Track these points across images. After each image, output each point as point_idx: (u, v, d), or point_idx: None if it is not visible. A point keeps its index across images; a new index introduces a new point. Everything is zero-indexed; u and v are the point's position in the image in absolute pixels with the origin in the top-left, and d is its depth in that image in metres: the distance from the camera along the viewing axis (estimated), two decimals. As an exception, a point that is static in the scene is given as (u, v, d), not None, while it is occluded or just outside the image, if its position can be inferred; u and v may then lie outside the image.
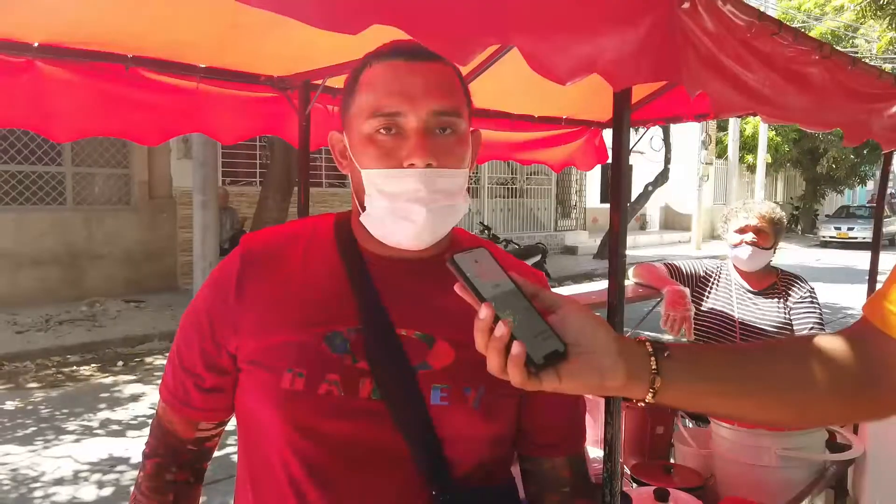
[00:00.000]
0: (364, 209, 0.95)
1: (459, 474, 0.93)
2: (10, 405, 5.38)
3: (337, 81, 2.31)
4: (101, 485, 4.01)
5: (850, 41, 20.62)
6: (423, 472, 0.92)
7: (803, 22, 20.50)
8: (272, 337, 0.95)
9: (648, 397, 0.72)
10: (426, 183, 0.90)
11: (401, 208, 0.91)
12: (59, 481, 4.03)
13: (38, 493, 3.88)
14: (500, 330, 0.67)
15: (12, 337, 7.17)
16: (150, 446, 1.08)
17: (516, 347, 0.66)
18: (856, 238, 21.03)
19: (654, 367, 0.72)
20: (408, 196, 0.90)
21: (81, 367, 6.56)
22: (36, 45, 1.70)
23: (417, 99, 0.90)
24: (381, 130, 0.91)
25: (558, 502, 1.03)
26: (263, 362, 0.95)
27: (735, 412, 0.78)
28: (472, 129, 0.99)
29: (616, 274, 1.41)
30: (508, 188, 16.69)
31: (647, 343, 0.74)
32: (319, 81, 2.17)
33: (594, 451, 2.00)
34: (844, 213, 23.86)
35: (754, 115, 1.62)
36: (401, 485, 0.92)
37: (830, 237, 22.13)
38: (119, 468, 4.23)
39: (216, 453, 1.13)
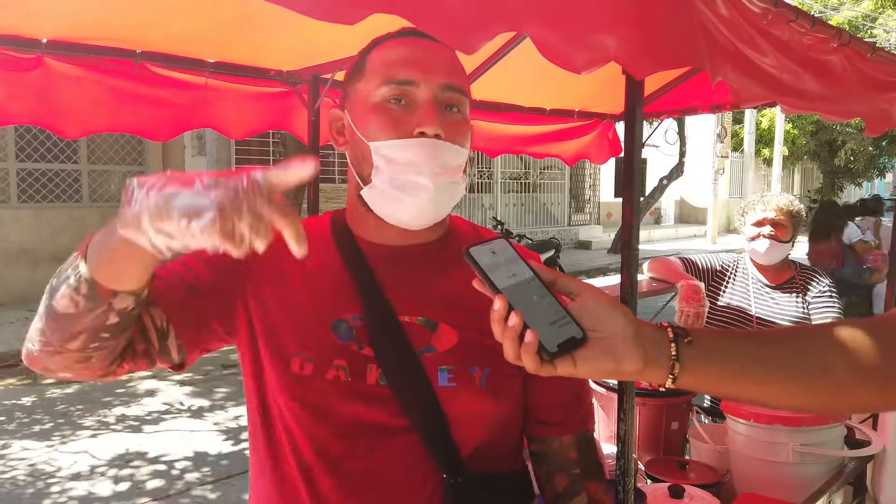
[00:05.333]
0: (367, 183, 0.95)
1: (469, 458, 0.94)
2: (26, 400, 5.43)
3: (346, 75, 2.29)
4: (116, 480, 4.04)
5: (869, 31, 20.32)
6: (433, 456, 0.92)
7: (820, 12, 20.22)
8: (278, 325, 0.95)
9: (668, 382, 0.72)
10: (434, 153, 0.91)
11: (408, 181, 0.91)
12: (76, 476, 4.07)
13: (54, 488, 3.92)
14: (513, 320, 0.67)
15: (30, 333, 7.25)
16: None
17: (528, 336, 0.67)
18: (875, 231, 20.75)
19: (673, 353, 0.71)
20: (415, 168, 0.90)
21: (98, 363, 6.61)
22: (44, 41, 1.69)
23: (430, 71, 0.92)
24: (392, 100, 0.92)
25: (568, 486, 1.02)
26: (272, 347, 0.95)
27: (760, 398, 0.77)
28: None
29: (628, 266, 1.39)
30: (521, 183, 16.62)
31: (669, 329, 0.73)
32: (329, 75, 2.15)
33: (608, 448, 1.98)
34: (863, 207, 23.54)
35: (774, 105, 1.58)
36: (411, 469, 0.93)
37: (849, 230, 21.84)
38: (135, 463, 4.26)
39: (230, 448, 1.11)
